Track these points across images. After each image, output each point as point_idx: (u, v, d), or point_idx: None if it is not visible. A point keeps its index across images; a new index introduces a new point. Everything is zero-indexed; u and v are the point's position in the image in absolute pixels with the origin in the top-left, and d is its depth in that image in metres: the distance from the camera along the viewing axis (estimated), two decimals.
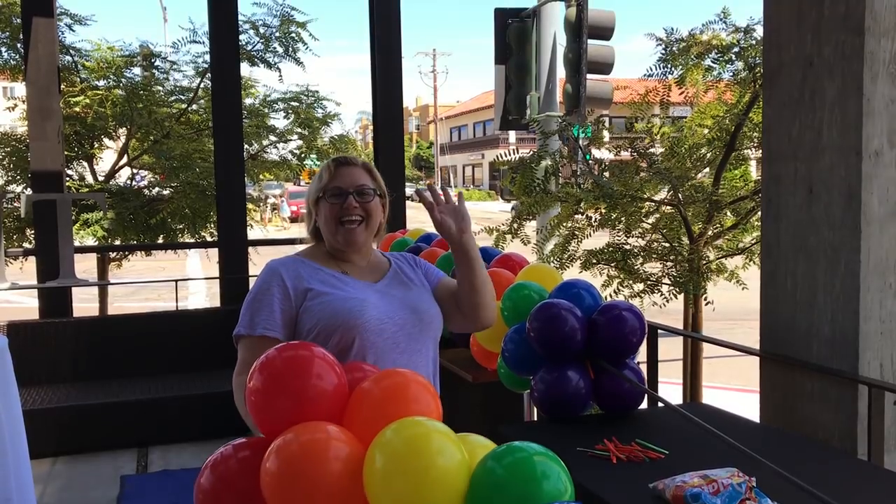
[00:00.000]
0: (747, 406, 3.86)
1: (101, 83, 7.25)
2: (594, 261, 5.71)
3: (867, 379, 2.71)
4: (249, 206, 7.45)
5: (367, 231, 1.98)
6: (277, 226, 26.64)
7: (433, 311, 2.02)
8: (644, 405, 2.84)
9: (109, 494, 4.09)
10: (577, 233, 5.77)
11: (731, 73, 5.78)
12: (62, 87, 6.23)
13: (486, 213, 34.51)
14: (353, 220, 1.94)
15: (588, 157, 6.22)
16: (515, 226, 5.99)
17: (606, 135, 6.66)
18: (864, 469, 2.37)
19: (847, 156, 2.77)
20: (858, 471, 2.30)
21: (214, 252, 6.23)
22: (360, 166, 2.00)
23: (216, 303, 6.44)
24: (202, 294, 12.96)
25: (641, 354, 2.97)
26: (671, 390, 6.21)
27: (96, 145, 7.53)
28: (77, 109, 6.84)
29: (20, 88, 6.80)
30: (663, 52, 5.83)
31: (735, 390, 7.10)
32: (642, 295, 5.54)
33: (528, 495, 1.24)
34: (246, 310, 1.91)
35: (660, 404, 2.85)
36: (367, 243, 2.02)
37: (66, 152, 6.37)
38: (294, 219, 28.42)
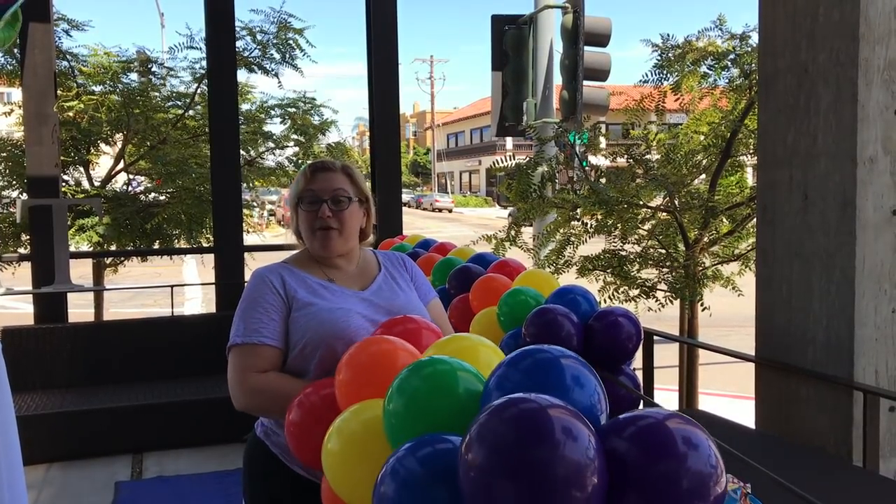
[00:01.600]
0: (743, 412, 3.86)
1: (98, 88, 7.24)
2: (590, 267, 5.71)
3: (862, 385, 2.71)
4: (245, 211, 7.44)
5: (343, 239, 1.93)
6: (274, 232, 26.60)
7: (422, 315, 1.97)
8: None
9: (104, 501, 4.07)
10: (573, 238, 5.77)
11: (727, 80, 5.81)
12: (59, 92, 6.23)
13: (483, 220, 34.55)
14: (328, 228, 1.90)
15: (584, 163, 6.23)
16: (513, 233, 5.99)
17: (603, 141, 6.68)
18: (860, 475, 2.37)
19: (842, 162, 2.78)
20: (853, 477, 2.30)
21: (209, 258, 6.22)
22: (338, 171, 1.95)
23: (213, 309, 6.43)
24: (199, 300, 12.94)
25: (637, 360, 2.98)
26: (667, 396, 6.21)
27: (93, 150, 7.52)
28: (71, 114, 6.83)
29: (16, 94, 6.79)
30: (659, 58, 5.85)
31: (731, 396, 7.10)
32: (637, 300, 5.54)
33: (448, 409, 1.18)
34: (240, 320, 1.86)
35: None
36: (349, 249, 1.98)
37: (62, 157, 6.35)
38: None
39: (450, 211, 44.71)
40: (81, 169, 7.53)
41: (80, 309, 8.22)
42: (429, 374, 1.27)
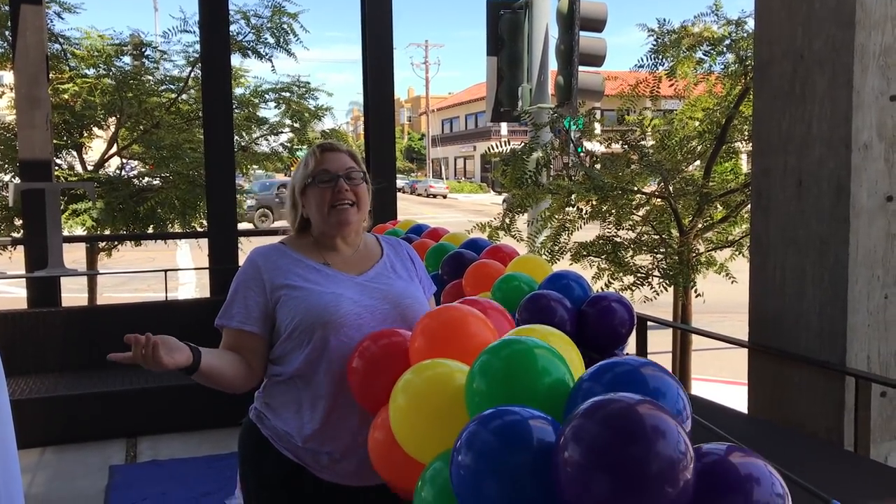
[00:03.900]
0: (736, 398, 3.88)
1: (91, 72, 7.20)
2: (584, 253, 5.72)
3: (854, 371, 2.72)
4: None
5: (359, 214, 1.93)
6: None
7: (417, 304, 1.96)
8: None
9: (98, 484, 4.08)
10: (567, 225, 5.77)
11: (722, 66, 5.79)
12: (51, 75, 6.18)
13: (478, 206, 34.51)
14: (345, 202, 1.89)
15: (579, 149, 6.23)
16: (507, 220, 5.98)
17: (598, 127, 6.66)
18: (851, 460, 2.38)
19: (836, 148, 2.78)
20: (845, 461, 2.32)
21: (206, 242, 6.21)
22: (344, 152, 1.96)
23: (206, 293, 6.42)
24: (192, 285, 12.92)
25: (631, 346, 2.98)
26: None
27: (86, 134, 7.48)
28: (65, 97, 6.79)
29: (8, 76, 6.75)
30: (654, 43, 5.83)
31: (724, 382, 7.13)
32: (632, 288, 5.55)
33: (528, 388, 1.22)
34: (227, 300, 1.92)
35: None
36: (359, 228, 1.98)
37: (54, 141, 6.32)
38: None
39: (444, 197, 44.63)
40: (74, 153, 7.49)
41: (73, 293, 8.19)
42: (507, 355, 1.32)
